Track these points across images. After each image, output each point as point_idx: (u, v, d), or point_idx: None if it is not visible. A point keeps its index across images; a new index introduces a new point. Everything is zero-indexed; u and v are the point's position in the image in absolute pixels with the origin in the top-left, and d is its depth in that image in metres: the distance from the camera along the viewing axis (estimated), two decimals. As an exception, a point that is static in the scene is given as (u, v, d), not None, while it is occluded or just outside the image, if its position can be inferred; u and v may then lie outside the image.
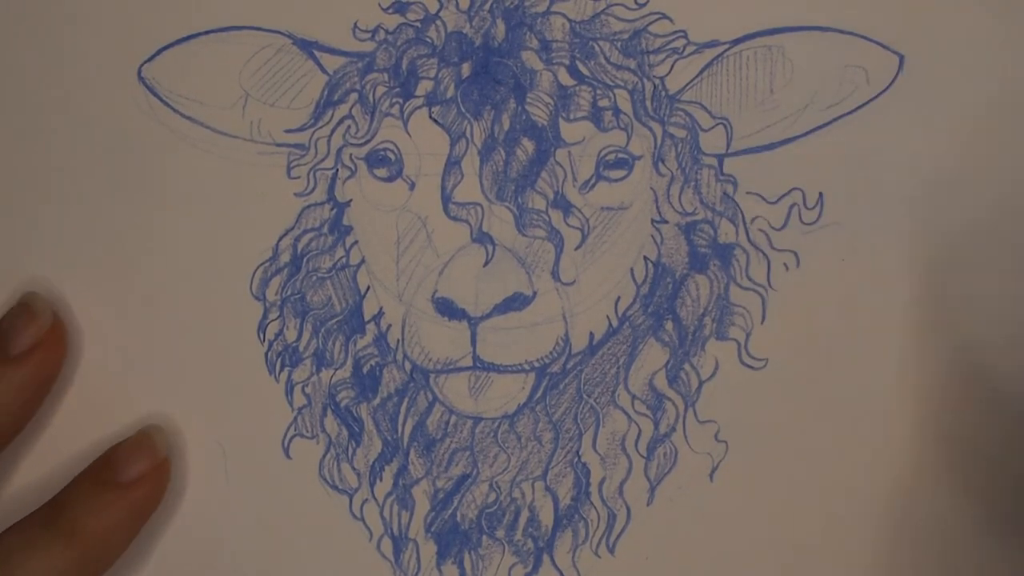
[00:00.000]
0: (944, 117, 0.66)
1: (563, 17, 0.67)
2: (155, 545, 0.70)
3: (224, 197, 0.69)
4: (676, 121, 0.67)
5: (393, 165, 0.68)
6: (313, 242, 0.69)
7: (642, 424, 0.68)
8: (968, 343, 0.67)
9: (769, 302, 0.67)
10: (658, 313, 0.68)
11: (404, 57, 0.67)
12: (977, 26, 0.66)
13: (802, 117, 0.66)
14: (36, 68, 0.70)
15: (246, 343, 0.69)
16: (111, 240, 0.70)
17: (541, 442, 0.69)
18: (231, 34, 0.68)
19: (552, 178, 0.67)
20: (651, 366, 0.68)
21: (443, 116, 0.67)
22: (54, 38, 0.70)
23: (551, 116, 0.67)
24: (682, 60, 0.67)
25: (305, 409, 0.70)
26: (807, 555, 0.68)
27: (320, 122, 0.68)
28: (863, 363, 0.67)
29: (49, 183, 0.70)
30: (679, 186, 0.67)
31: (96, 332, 0.70)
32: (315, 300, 0.69)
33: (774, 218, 0.67)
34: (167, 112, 0.69)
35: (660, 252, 0.68)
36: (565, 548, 0.69)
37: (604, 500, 0.69)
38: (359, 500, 0.70)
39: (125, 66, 0.69)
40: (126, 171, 0.69)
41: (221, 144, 0.69)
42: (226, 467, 0.70)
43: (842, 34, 0.66)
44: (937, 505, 0.67)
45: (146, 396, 0.70)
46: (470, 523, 0.70)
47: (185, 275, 0.69)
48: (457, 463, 0.69)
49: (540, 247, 0.67)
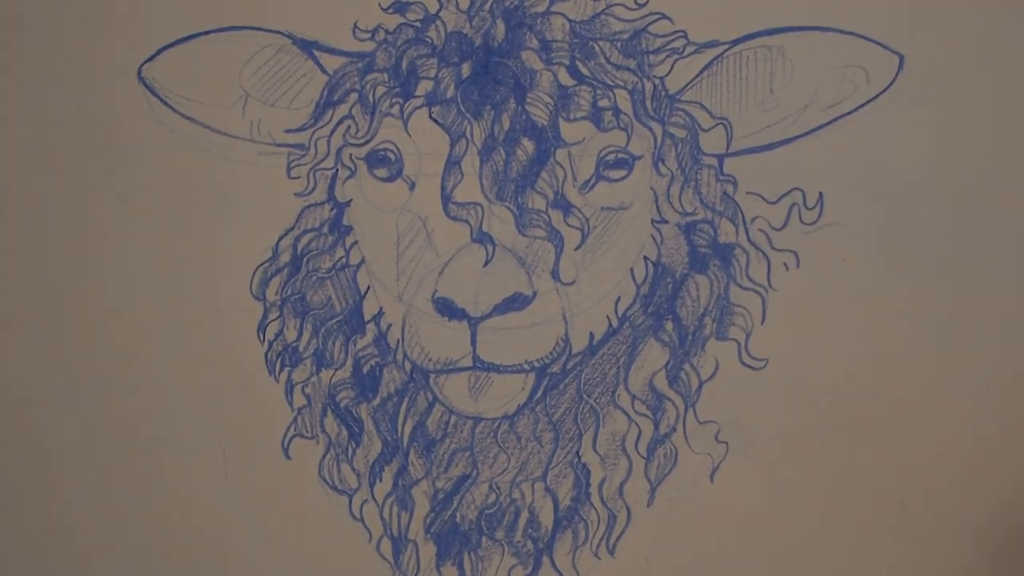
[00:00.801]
0: (944, 117, 0.66)
1: (563, 17, 0.67)
2: (155, 545, 0.70)
3: (224, 197, 0.69)
4: (676, 121, 0.67)
5: (393, 165, 0.68)
6: (313, 242, 0.69)
7: (642, 424, 0.68)
8: (968, 342, 0.67)
9: (769, 302, 0.67)
10: (658, 313, 0.68)
11: (404, 57, 0.67)
12: (977, 26, 0.66)
13: (802, 117, 0.66)
14: (36, 68, 0.70)
15: (246, 343, 0.69)
16: (111, 238, 0.70)
17: (541, 442, 0.69)
18: (231, 34, 0.68)
19: (552, 178, 0.67)
20: (651, 366, 0.68)
21: (443, 116, 0.67)
22: (55, 38, 0.70)
23: (551, 116, 0.66)
24: (682, 60, 0.67)
25: (305, 409, 0.70)
26: (807, 555, 0.68)
27: (320, 122, 0.68)
28: (863, 363, 0.67)
29: (49, 182, 0.70)
30: (679, 186, 0.67)
31: (96, 331, 0.70)
32: (315, 300, 0.69)
33: (774, 218, 0.67)
34: (167, 112, 0.69)
35: (660, 252, 0.68)
36: (565, 549, 0.69)
37: (604, 501, 0.69)
38: (359, 501, 0.70)
39: (125, 66, 0.69)
40: (126, 170, 0.70)
41: (221, 144, 0.69)
42: (226, 467, 0.70)
43: (842, 34, 0.66)
44: (937, 504, 0.67)
45: (146, 396, 0.70)
46: (470, 524, 0.70)
47: (185, 275, 0.70)
48: (457, 464, 0.69)
49: (540, 247, 0.67)
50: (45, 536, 0.71)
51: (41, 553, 0.71)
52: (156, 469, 0.71)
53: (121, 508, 0.71)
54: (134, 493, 0.71)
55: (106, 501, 0.71)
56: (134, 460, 0.71)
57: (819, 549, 0.68)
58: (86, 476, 0.71)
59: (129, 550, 0.69)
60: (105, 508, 0.71)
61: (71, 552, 0.71)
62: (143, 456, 0.71)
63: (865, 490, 0.67)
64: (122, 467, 0.71)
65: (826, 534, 0.68)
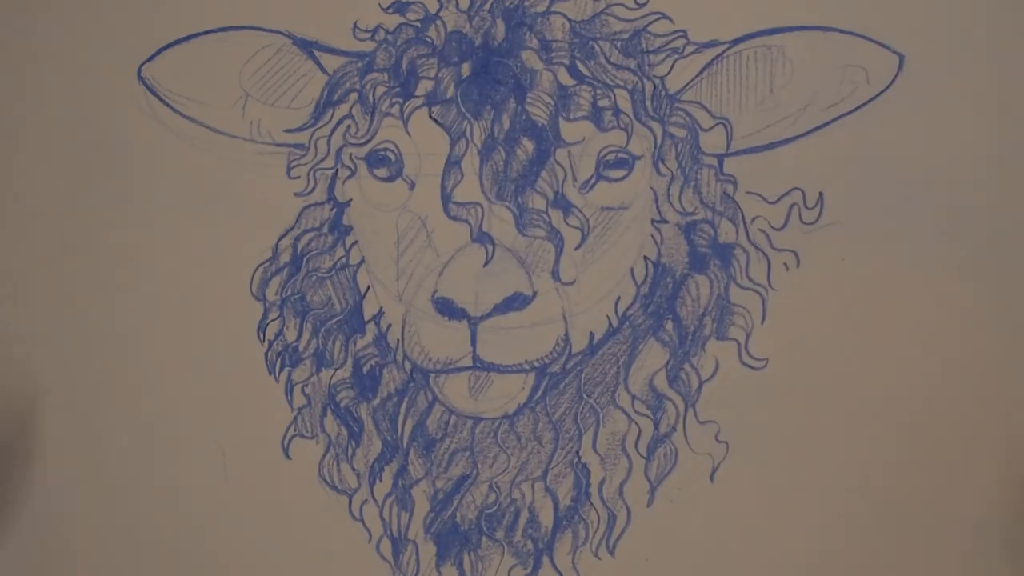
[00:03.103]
0: (944, 117, 0.66)
1: (563, 17, 0.67)
2: (155, 545, 0.70)
3: (224, 197, 0.69)
4: (676, 121, 0.67)
5: (393, 165, 0.68)
6: (313, 242, 0.69)
7: (642, 424, 0.68)
8: (968, 342, 0.67)
9: (769, 302, 0.67)
10: (658, 313, 0.68)
11: (404, 57, 0.67)
12: (977, 26, 0.66)
13: (802, 117, 0.66)
14: (37, 68, 0.70)
15: (246, 343, 0.69)
16: (111, 238, 0.70)
17: (541, 442, 0.69)
18: (231, 34, 0.68)
19: (552, 178, 0.67)
20: (651, 366, 0.68)
21: (443, 116, 0.67)
22: (55, 38, 0.70)
23: (551, 116, 0.67)
24: (682, 60, 0.67)
25: (305, 409, 0.70)
26: (807, 555, 0.68)
27: (320, 122, 0.68)
28: (863, 363, 0.67)
29: (49, 182, 0.70)
30: (679, 186, 0.67)
31: (96, 331, 0.70)
32: (315, 300, 0.69)
33: (774, 218, 0.67)
34: (167, 112, 0.69)
35: (660, 252, 0.68)
36: (565, 549, 0.69)
37: (604, 501, 0.69)
38: (359, 501, 0.70)
39: (125, 66, 0.69)
40: (126, 170, 0.70)
41: (221, 144, 0.69)
42: (226, 467, 0.70)
43: (842, 34, 0.66)
44: (937, 504, 0.67)
45: (146, 395, 0.70)
46: (470, 524, 0.70)
47: (185, 275, 0.70)
48: (457, 463, 0.69)
49: (540, 247, 0.67)
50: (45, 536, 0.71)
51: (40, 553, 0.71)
52: (156, 469, 0.71)
53: (121, 508, 0.71)
54: (134, 493, 0.71)
55: (106, 501, 0.71)
56: (134, 460, 0.71)
57: (819, 549, 0.68)
58: (86, 476, 0.71)
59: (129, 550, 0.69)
60: (105, 508, 0.71)
61: (71, 552, 0.71)
62: (143, 456, 0.71)
63: (865, 490, 0.67)
64: (122, 467, 0.71)
65: (826, 534, 0.68)
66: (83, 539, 0.71)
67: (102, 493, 0.71)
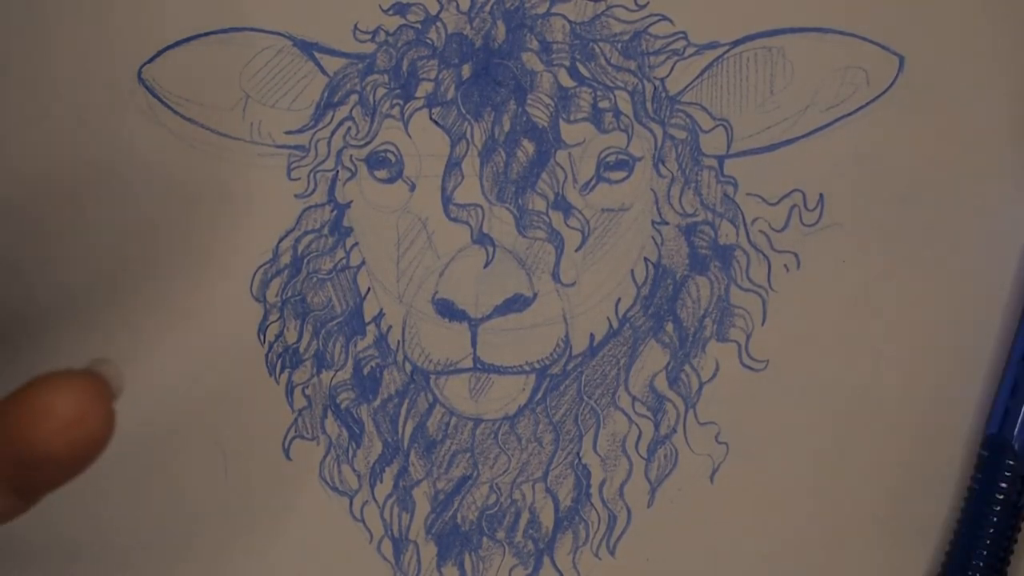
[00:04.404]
0: (944, 117, 0.66)
1: (563, 18, 0.67)
2: (154, 545, 0.70)
3: (224, 199, 0.69)
4: (676, 122, 0.67)
5: (393, 166, 0.68)
6: (313, 243, 0.69)
7: (642, 426, 0.68)
8: (969, 343, 0.67)
9: (770, 303, 0.67)
10: (658, 314, 0.68)
11: (404, 58, 0.67)
12: (977, 26, 0.66)
13: (802, 118, 0.66)
14: (36, 68, 0.70)
15: (246, 344, 0.69)
16: (110, 240, 0.70)
17: (542, 443, 0.69)
18: (231, 35, 0.68)
19: (552, 179, 0.67)
20: (652, 367, 0.68)
21: (443, 117, 0.67)
22: (54, 38, 0.69)
23: (551, 117, 0.66)
24: (682, 61, 0.67)
25: (305, 410, 0.70)
26: (807, 556, 0.68)
27: (320, 123, 0.68)
28: (863, 364, 0.67)
29: (48, 183, 0.70)
30: (679, 187, 0.67)
31: (96, 331, 0.70)
32: (315, 301, 0.69)
33: (775, 219, 0.67)
34: (167, 113, 0.69)
35: (660, 253, 0.68)
36: (565, 549, 0.69)
37: (604, 502, 0.69)
38: (359, 501, 0.70)
39: (125, 67, 0.69)
40: (126, 172, 0.69)
41: (221, 145, 0.69)
42: (226, 468, 0.70)
43: (842, 35, 0.66)
44: (937, 504, 0.67)
45: (146, 397, 0.70)
46: (470, 524, 0.70)
47: (185, 276, 0.69)
48: (457, 464, 0.69)
49: (540, 248, 0.67)
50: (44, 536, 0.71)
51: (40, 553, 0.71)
52: (156, 469, 0.71)
53: (120, 508, 0.71)
54: (134, 493, 0.71)
55: (105, 501, 0.71)
56: (134, 460, 0.71)
57: (819, 549, 0.68)
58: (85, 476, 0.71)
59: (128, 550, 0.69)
60: (104, 508, 0.71)
61: (71, 552, 0.71)
62: (143, 456, 0.71)
63: (865, 491, 0.67)
64: (121, 467, 0.71)
65: (826, 534, 0.68)
66: (82, 539, 0.71)
67: (102, 493, 0.71)
